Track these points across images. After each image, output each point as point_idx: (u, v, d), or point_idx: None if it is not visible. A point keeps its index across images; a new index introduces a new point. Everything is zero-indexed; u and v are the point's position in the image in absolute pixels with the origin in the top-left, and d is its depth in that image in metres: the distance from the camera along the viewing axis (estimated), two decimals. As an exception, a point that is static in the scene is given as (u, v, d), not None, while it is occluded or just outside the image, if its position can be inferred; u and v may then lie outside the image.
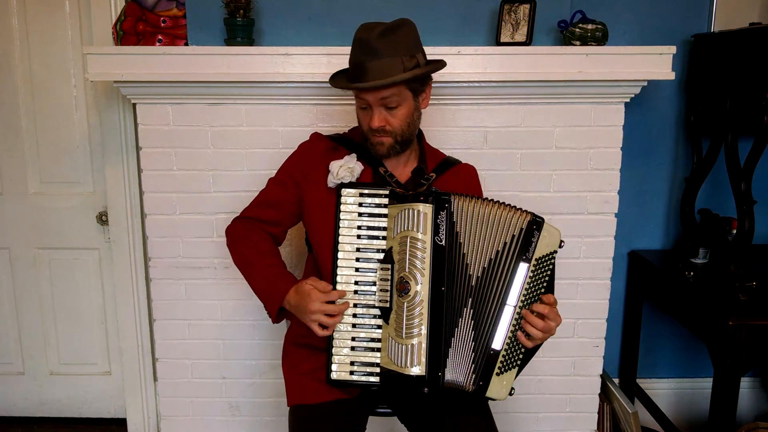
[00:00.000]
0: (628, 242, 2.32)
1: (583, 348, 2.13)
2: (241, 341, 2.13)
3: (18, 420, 2.49)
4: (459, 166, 1.60)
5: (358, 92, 1.39)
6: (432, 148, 1.63)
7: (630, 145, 2.16)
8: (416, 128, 1.48)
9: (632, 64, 1.85)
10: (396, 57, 1.34)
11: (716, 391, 1.80)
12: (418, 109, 1.45)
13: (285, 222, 1.54)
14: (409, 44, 1.37)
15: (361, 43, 1.35)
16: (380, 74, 1.33)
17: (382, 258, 1.36)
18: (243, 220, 1.55)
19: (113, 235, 2.26)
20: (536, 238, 1.31)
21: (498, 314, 1.32)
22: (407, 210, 1.33)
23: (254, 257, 1.47)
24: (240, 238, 1.51)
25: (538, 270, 1.32)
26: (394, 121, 1.40)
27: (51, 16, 2.18)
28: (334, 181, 1.42)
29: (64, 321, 2.42)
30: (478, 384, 1.32)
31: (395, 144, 1.42)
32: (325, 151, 1.50)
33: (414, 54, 1.37)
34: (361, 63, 1.35)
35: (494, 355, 1.32)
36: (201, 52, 1.84)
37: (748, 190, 1.82)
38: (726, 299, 1.82)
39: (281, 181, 1.54)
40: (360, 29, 1.37)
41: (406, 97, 1.39)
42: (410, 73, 1.35)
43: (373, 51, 1.33)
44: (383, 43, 1.33)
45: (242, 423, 2.20)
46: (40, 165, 2.30)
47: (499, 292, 1.33)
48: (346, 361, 1.37)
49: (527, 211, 1.33)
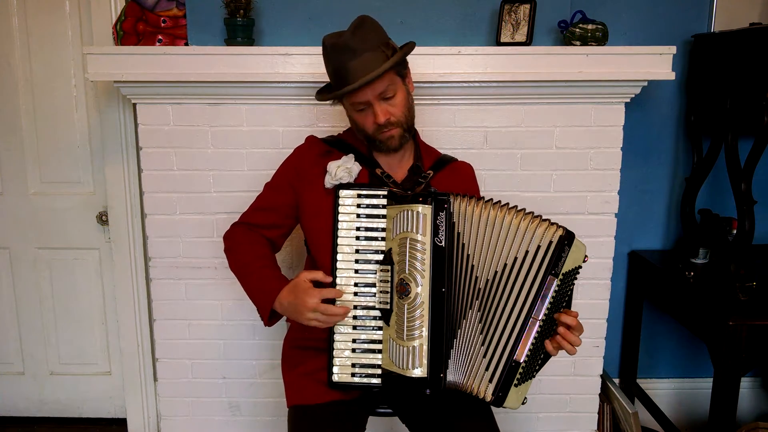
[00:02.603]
0: (629, 242, 2.32)
1: (583, 348, 2.09)
2: (241, 341, 2.13)
3: (18, 420, 2.50)
4: (455, 164, 1.60)
5: (351, 96, 1.37)
6: (427, 145, 1.63)
7: (630, 145, 2.16)
8: (413, 112, 1.47)
9: (632, 64, 1.85)
10: (375, 50, 1.34)
11: (716, 391, 1.80)
12: (410, 93, 1.46)
13: (283, 225, 1.54)
14: (379, 35, 1.38)
15: (335, 47, 1.34)
16: (368, 69, 1.32)
17: (382, 259, 1.36)
18: (241, 225, 1.55)
19: (113, 235, 2.26)
20: (566, 254, 1.26)
21: (522, 326, 1.28)
22: (406, 211, 1.32)
23: (249, 260, 1.46)
24: (237, 243, 1.51)
25: (563, 285, 1.29)
26: (395, 110, 1.40)
27: (51, 16, 2.18)
28: (332, 182, 1.42)
29: (65, 321, 2.42)
30: (497, 395, 1.29)
31: (404, 132, 1.43)
32: (321, 154, 1.49)
33: (387, 42, 1.38)
34: (343, 65, 1.34)
35: (516, 367, 1.28)
36: (201, 52, 1.84)
37: (749, 190, 1.82)
38: (726, 299, 1.82)
39: (277, 185, 1.53)
40: (326, 38, 1.37)
41: (398, 83, 1.40)
42: (396, 57, 1.35)
43: (350, 50, 1.32)
44: (357, 40, 1.33)
45: (242, 423, 2.20)
46: (41, 165, 2.30)
47: (521, 302, 1.28)
48: (348, 363, 1.37)
49: (558, 224, 1.28)
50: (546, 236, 1.26)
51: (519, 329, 1.28)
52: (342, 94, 1.35)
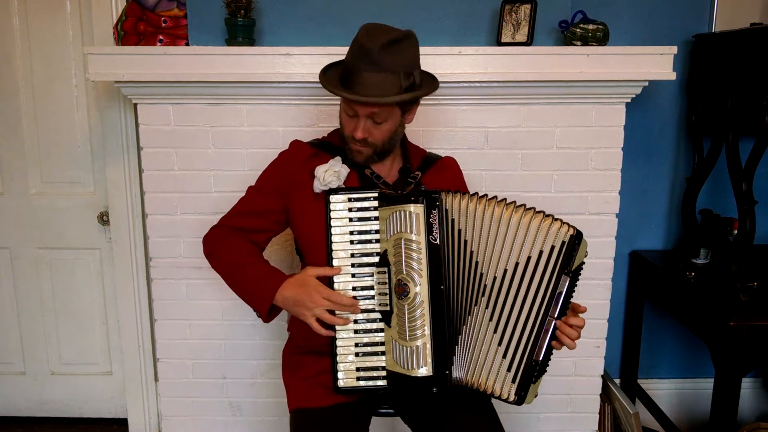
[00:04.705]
0: (629, 242, 2.32)
1: (584, 348, 2.12)
2: (242, 341, 2.13)
3: (19, 420, 2.50)
4: (441, 161, 1.60)
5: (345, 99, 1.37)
6: (414, 145, 1.63)
7: (631, 146, 2.16)
8: (397, 140, 1.47)
9: (633, 65, 1.85)
10: (394, 74, 1.31)
11: (717, 392, 1.80)
12: (403, 125, 1.45)
13: (270, 230, 1.51)
14: (408, 60, 1.35)
15: (362, 50, 1.31)
16: (376, 89, 1.31)
17: (378, 261, 1.35)
18: (222, 227, 1.50)
19: (114, 235, 2.26)
20: (577, 252, 1.27)
21: (540, 325, 1.28)
22: (398, 212, 1.32)
23: (240, 257, 1.43)
24: (221, 243, 1.47)
25: (573, 282, 1.29)
26: (377, 133, 1.39)
27: (52, 16, 2.18)
28: (321, 187, 1.41)
29: (65, 321, 2.42)
30: (519, 394, 1.29)
31: (373, 154, 1.43)
32: (308, 158, 1.48)
33: (412, 71, 1.35)
34: (358, 70, 1.32)
35: (535, 365, 1.29)
36: (202, 52, 1.84)
37: (749, 190, 1.82)
38: (727, 299, 1.81)
39: (263, 189, 1.51)
40: (364, 33, 1.33)
41: (394, 114, 1.39)
42: (406, 96, 1.33)
43: (372, 62, 1.30)
44: (385, 56, 1.30)
45: (243, 423, 2.20)
46: (41, 165, 2.30)
47: (538, 301, 1.27)
48: (352, 368, 1.36)
49: (568, 223, 1.28)
50: (559, 236, 1.26)
51: (538, 328, 1.28)
52: (339, 94, 1.35)
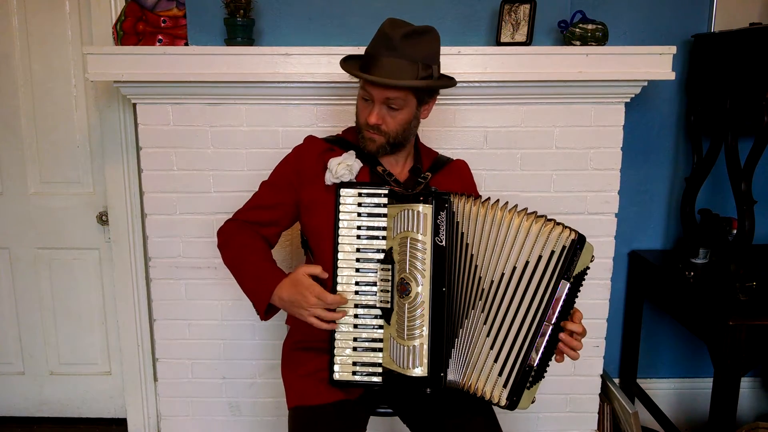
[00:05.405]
0: (629, 242, 2.32)
1: (583, 348, 2.10)
2: (242, 341, 2.13)
3: (18, 420, 2.49)
4: (452, 164, 1.61)
5: (365, 83, 1.39)
6: (426, 147, 1.64)
7: (630, 145, 2.16)
8: (411, 135, 1.48)
9: (632, 64, 1.85)
10: (413, 62, 1.34)
11: (716, 391, 1.80)
12: (418, 118, 1.46)
13: (281, 223, 1.53)
14: (429, 52, 1.37)
15: (383, 36, 1.34)
16: (392, 73, 1.33)
17: (383, 258, 1.36)
18: (236, 222, 1.53)
19: (113, 235, 2.26)
20: (578, 257, 1.25)
21: (536, 330, 1.26)
22: (407, 210, 1.32)
23: (246, 254, 1.45)
24: (233, 237, 1.50)
25: (574, 287, 1.28)
26: (391, 122, 1.40)
27: (51, 16, 2.18)
28: (333, 179, 1.42)
29: (64, 321, 2.42)
30: (511, 399, 1.28)
31: (386, 144, 1.43)
32: (321, 153, 1.50)
33: (431, 64, 1.37)
34: (377, 54, 1.35)
35: (529, 371, 1.27)
36: (201, 52, 1.84)
37: (749, 190, 1.82)
38: (726, 299, 1.82)
39: (276, 183, 1.53)
40: (387, 24, 1.37)
41: (410, 103, 1.40)
42: (422, 82, 1.35)
43: (392, 47, 1.32)
44: (405, 43, 1.33)
45: (242, 423, 2.20)
46: (40, 165, 2.30)
47: (534, 306, 1.26)
48: (348, 362, 1.37)
49: (570, 227, 1.26)
50: (560, 241, 1.25)
51: (533, 334, 1.27)
52: (356, 75, 1.37)
